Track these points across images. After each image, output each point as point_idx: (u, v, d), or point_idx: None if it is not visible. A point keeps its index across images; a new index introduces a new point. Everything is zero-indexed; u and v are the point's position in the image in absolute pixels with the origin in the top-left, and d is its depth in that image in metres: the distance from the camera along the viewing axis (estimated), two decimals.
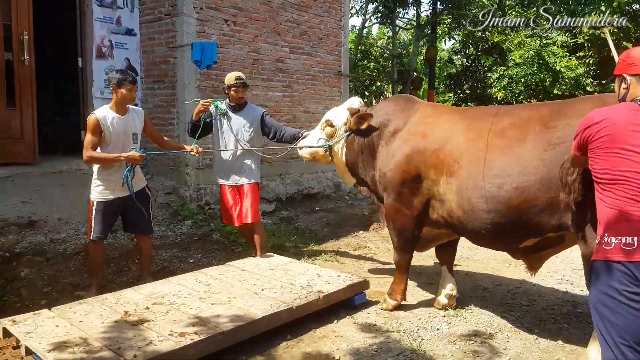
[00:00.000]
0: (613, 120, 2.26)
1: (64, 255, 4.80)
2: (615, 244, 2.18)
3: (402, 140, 3.92)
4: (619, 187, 2.21)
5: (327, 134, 4.38)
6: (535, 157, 3.17)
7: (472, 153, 3.46)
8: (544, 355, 3.42)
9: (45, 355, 2.78)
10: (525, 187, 3.18)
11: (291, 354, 3.35)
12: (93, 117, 4.09)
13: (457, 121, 3.75)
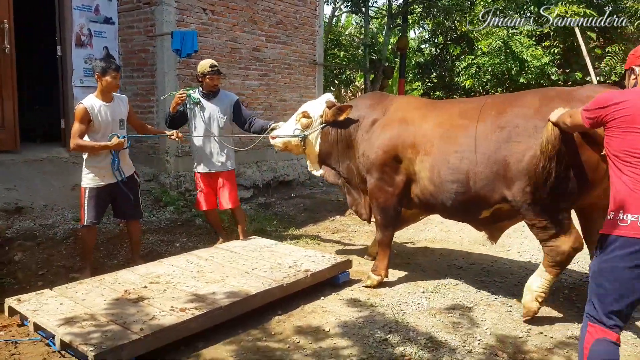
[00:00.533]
0: (633, 102, 2.47)
1: (54, 239, 4.90)
2: (631, 222, 2.35)
3: (382, 127, 4.33)
4: (638, 165, 2.40)
5: (302, 125, 4.63)
6: (487, 137, 3.70)
7: (442, 133, 3.97)
8: (517, 325, 3.73)
9: (55, 330, 2.94)
10: (479, 161, 3.71)
11: (283, 327, 3.58)
12: (82, 107, 4.14)
13: (430, 108, 4.27)
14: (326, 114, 4.53)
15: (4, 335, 3.31)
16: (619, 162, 2.48)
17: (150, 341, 2.92)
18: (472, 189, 3.78)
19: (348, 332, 3.51)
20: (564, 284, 4.59)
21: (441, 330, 3.60)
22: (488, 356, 3.25)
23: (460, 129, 3.87)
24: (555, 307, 4.05)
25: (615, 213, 2.44)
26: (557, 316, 3.90)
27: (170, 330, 3.04)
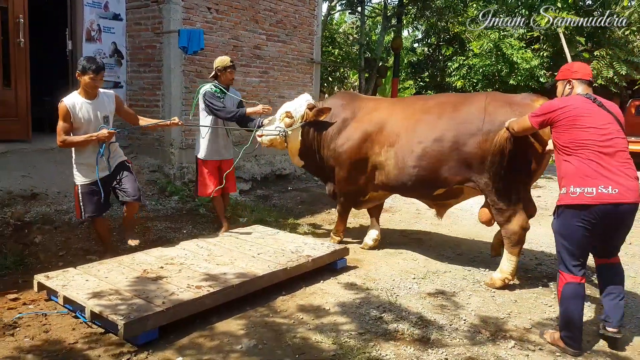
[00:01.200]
0: (574, 106, 3.37)
1: (69, 224, 5.21)
2: (579, 193, 3.23)
3: (352, 128, 5.08)
4: (582, 152, 3.27)
5: (285, 124, 5.19)
6: (445, 129, 4.55)
7: (407, 126, 4.78)
8: (500, 308, 4.11)
9: (86, 302, 3.27)
10: (437, 149, 4.57)
11: (287, 306, 3.93)
12: (62, 105, 4.17)
13: (395, 106, 5.09)
14: (307, 114, 5.13)
15: (33, 309, 3.64)
16: (567, 150, 3.35)
17: (172, 313, 3.27)
18: (431, 172, 4.64)
19: (346, 311, 3.87)
20: (544, 273, 4.98)
21: (430, 311, 3.97)
22: (472, 333, 3.62)
23: (423, 123, 4.71)
24: (533, 293, 4.44)
25: (567, 188, 3.30)
26: (535, 302, 4.28)
27: (189, 305, 3.38)
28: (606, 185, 3.17)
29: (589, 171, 3.22)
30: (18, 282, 4.08)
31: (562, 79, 3.66)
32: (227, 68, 5.38)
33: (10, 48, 6.36)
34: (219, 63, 5.40)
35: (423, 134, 4.63)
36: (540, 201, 8.45)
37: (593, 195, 3.18)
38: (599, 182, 3.18)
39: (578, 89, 3.53)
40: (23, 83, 6.46)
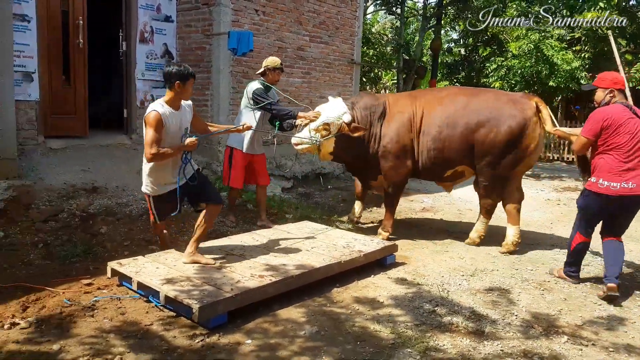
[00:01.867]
0: (616, 116, 4.11)
1: (130, 216, 5.48)
2: (606, 186, 4.14)
3: (391, 123, 5.55)
4: (614, 152, 4.12)
5: (322, 135, 5.36)
6: (458, 117, 5.39)
7: (429, 115, 5.51)
8: (550, 305, 4.18)
9: (160, 287, 3.49)
10: (450, 134, 5.40)
11: (343, 297, 4.09)
12: (155, 114, 3.86)
13: (416, 98, 5.71)
14: (343, 128, 5.33)
15: (107, 293, 3.88)
16: (603, 148, 4.16)
17: (239, 300, 3.46)
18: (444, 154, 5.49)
19: (400, 304, 4.00)
20: (592, 274, 5.02)
21: (482, 306, 4.07)
22: (525, 328, 3.71)
23: (439, 111, 5.48)
24: (582, 292, 4.49)
25: (597, 179, 4.20)
26: (585, 300, 4.33)
27: (254, 292, 3.57)
28: (627, 180, 4.06)
29: (617, 169, 4.08)
30: (89, 268, 4.34)
31: (605, 87, 4.25)
32: (276, 69, 5.67)
33: (70, 49, 6.71)
34: (270, 62, 5.66)
35: (440, 119, 5.45)
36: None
37: (617, 189, 4.09)
38: (623, 178, 4.07)
39: (618, 97, 4.23)
40: (81, 82, 6.79)
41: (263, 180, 5.89)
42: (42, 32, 6.35)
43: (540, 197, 9.19)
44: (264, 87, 5.59)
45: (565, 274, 4.73)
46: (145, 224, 5.34)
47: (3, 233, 4.80)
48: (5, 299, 3.66)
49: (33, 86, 6.33)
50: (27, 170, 5.91)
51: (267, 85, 5.61)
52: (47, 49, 6.46)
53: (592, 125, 4.17)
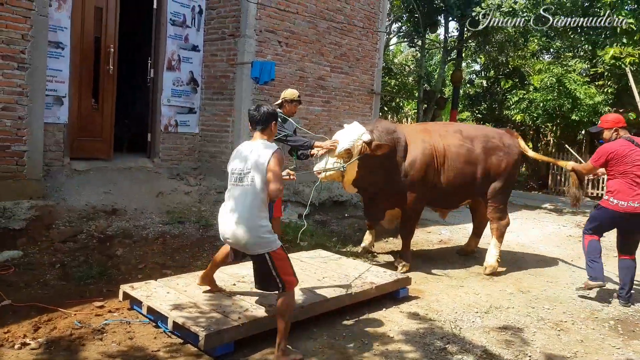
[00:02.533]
0: (619, 150, 5.05)
1: (147, 239, 5.57)
2: (616, 203, 5.02)
3: (413, 149, 5.65)
4: (622, 177, 5.02)
5: (344, 160, 5.25)
6: (475, 150, 5.93)
7: (450, 149, 5.82)
8: (565, 347, 4.08)
9: (168, 313, 3.52)
10: (471, 167, 5.89)
11: (352, 330, 4.06)
12: (280, 152, 3.59)
13: (432, 131, 5.97)
14: (364, 148, 5.25)
15: (117, 316, 3.93)
16: (613, 175, 5.09)
17: (247, 329, 3.47)
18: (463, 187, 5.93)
19: (410, 340, 3.95)
20: (611, 315, 4.89)
21: (495, 345, 4.00)
22: None
23: (455, 148, 5.85)
24: (600, 334, 4.38)
25: (609, 198, 5.08)
26: (602, 343, 4.22)
27: (262, 321, 3.57)
28: (633, 200, 4.94)
29: (625, 190, 4.97)
30: (102, 290, 4.41)
31: (610, 127, 5.24)
32: (294, 101, 5.64)
33: (100, 74, 6.95)
34: (288, 95, 5.65)
35: (459, 156, 5.82)
36: (604, 240, 8.23)
37: (624, 207, 4.97)
38: (629, 198, 4.95)
39: (621, 134, 5.17)
40: (109, 106, 7.01)
41: (277, 212, 5.69)
42: (74, 59, 6.61)
43: (562, 232, 9.03)
44: (281, 118, 5.62)
45: (589, 279, 5.20)
46: (160, 247, 5.42)
47: (22, 252, 4.92)
48: (19, 318, 3.73)
49: (63, 109, 6.55)
50: (51, 190, 6.07)
51: (284, 117, 5.65)
52: (79, 75, 6.71)
53: (599, 157, 5.16)
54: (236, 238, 3.40)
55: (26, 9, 5.48)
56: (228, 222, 3.45)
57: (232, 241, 3.48)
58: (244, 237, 3.36)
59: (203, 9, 8.01)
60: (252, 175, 3.40)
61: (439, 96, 14.74)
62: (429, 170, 5.67)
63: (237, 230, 3.37)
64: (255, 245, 3.39)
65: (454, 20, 14.03)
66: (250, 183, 3.40)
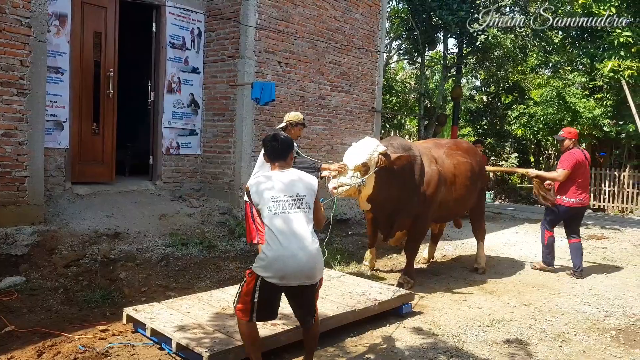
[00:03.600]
0: (582, 157, 6.41)
1: (150, 262, 5.58)
2: (568, 200, 6.41)
3: (429, 167, 5.65)
4: (576, 179, 6.34)
5: (361, 174, 5.02)
6: (471, 163, 6.23)
7: (457, 164, 6.02)
8: (567, 358, 4.05)
9: (172, 335, 3.52)
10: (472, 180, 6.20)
11: (356, 347, 4.04)
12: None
13: (440, 148, 6.10)
14: (381, 160, 5.09)
15: (121, 339, 3.93)
16: (571, 178, 6.31)
17: None
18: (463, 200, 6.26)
19: (414, 355, 3.94)
20: (612, 325, 4.86)
21: (498, 358, 3.97)
22: None
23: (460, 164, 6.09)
24: (602, 345, 4.35)
25: (562, 196, 6.42)
26: (604, 353, 4.19)
27: (265, 341, 3.56)
28: (577, 197, 6.38)
29: (575, 190, 6.36)
30: (106, 314, 4.41)
31: (572, 138, 6.52)
32: (299, 124, 5.49)
33: (101, 98, 7.04)
34: (293, 117, 5.50)
35: (462, 171, 6.05)
36: (606, 252, 8.21)
37: (573, 202, 6.39)
38: (578, 196, 6.38)
39: (575, 144, 6.53)
40: (110, 130, 7.08)
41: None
42: (74, 84, 6.71)
43: (564, 245, 8.97)
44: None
45: (544, 263, 6.81)
46: (163, 270, 5.43)
47: (25, 278, 4.93)
48: (22, 344, 3.73)
49: (63, 134, 6.63)
50: (53, 215, 6.11)
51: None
52: (79, 99, 6.80)
53: (571, 162, 6.31)
54: (308, 266, 3.15)
55: (24, 35, 5.57)
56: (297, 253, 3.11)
57: (299, 272, 3.12)
58: (315, 262, 3.19)
59: (202, 31, 8.14)
60: (307, 201, 3.24)
61: (440, 112, 14.82)
62: (442, 188, 5.72)
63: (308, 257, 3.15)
64: (321, 270, 3.27)
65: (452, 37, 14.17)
66: (306, 209, 3.23)
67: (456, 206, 6.18)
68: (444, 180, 5.73)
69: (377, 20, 10.36)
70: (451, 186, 5.87)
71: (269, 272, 3.07)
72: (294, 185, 3.24)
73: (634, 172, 14.62)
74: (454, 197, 5.94)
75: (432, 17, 13.26)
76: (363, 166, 5.04)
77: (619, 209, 14.67)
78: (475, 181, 6.27)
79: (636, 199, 14.51)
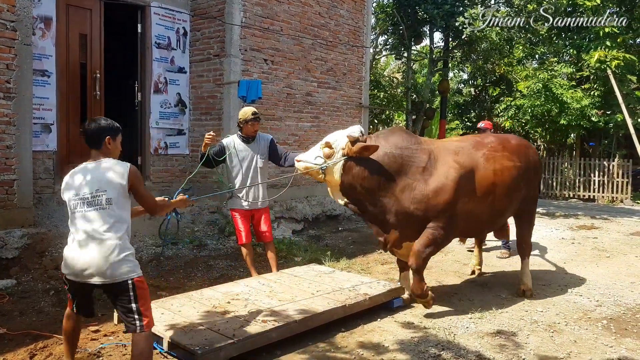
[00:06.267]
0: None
1: (140, 262, 5.48)
2: None
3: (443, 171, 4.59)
4: None
5: (324, 154, 4.56)
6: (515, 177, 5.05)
7: (497, 173, 4.90)
8: (559, 348, 4.10)
9: (163, 334, 3.53)
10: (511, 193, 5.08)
11: (347, 342, 4.07)
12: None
13: (479, 149, 4.96)
14: (349, 148, 4.46)
15: (113, 340, 3.93)
16: None
17: (241, 345, 3.49)
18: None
19: (405, 348, 3.98)
20: (603, 314, 4.92)
21: (489, 350, 4.02)
22: None
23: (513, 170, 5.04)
24: (593, 334, 4.41)
25: None
26: (595, 342, 4.25)
27: (256, 338, 3.59)
28: None
29: None
30: (97, 315, 4.40)
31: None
32: (248, 121, 5.26)
33: (88, 100, 7.01)
34: (241, 115, 5.34)
35: (509, 176, 4.95)
36: (597, 242, 8.31)
37: None
38: None
39: None
40: None
41: (267, 237, 5.48)
42: (61, 86, 6.68)
43: (554, 236, 9.09)
44: (243, 139, 5.35)
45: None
46: (154, 270, 5.43)
47: (16, 281, 4.92)
48: (14, 346, 3.73)
49: (51, 137, 6.60)
50: (43, 218, 6.08)
51: (245, 138, 5.36)
52: (66, 102, 6.77)
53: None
54: (95, 263, 2.98)
55: (10, 38, 5.55)
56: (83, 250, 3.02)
57: (87, 270, 2.99)
58: (106, 260, 2.97)
59: (187, 30, 8.13)
60: (108, 197, 3.05)
61: (428, 107, 14.89)
62: (464, 199, 4.64)
63: (94, 255, 2.99)
64: (120, 270, 3.00)
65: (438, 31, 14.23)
66: (105, 205, 3.05)
67: (493, 219, 5.14)
68: (469, 189, 4.67)
69: (362, 15, 10.39)
70: (487, 197, 4.79)
71: (65, 269, 3.10)
72: (96, 180, 3.07)
73: (623, 161, 14.76)
74: (490, 210, 4.90)
75: (418, 11, 13.31)
76: (327, 146, 4.58)
77: (609, 199, 14.81)
78: (520, 188, 5.10)
79: (626, 188, 14.66)
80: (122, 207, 3.07)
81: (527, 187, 5.22)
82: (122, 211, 3.07)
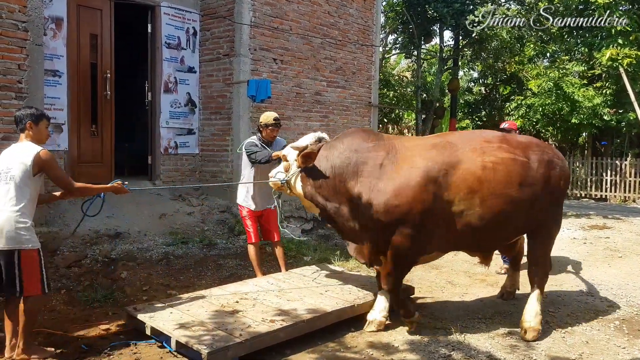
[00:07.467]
0: None
1: (150, 261, 5.61)
2: None
3: (404, 171, 4.02)
4: None
5: (284, 167, 4.44)
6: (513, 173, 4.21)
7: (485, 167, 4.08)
8: (570, 349, 4.06)
9: (172, 333, 3.55)
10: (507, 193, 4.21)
11: (357, 342, 4.06)
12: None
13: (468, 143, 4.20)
14: (298, 159, 4.26)
15: (123, 338, 3.95)
16: None
17: (249, 345, 3.49)
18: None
19: (415, 348, 3.96)
20: (616, 315, 4.87)
21: (500, 350, 3.99)
22: None
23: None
24: (605, 335, 4.36)
25: None
26: (607, 344, 4.20)
27: (265, 337, 3.59)
28: None
29: None
30: (108, 313, 4.44)
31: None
32: (268, 126, 5.25)
33: (98, 100, 7.06)
34: (263, 119, 5.32)
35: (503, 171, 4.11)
36: (609, 242, 8.22)
37: None
38: None
39: None
40: (108, 131, 7.11)
41: (274, 237, 5.50)
42: (72, 86, 6.74)
43: (566, 236, 9.00)
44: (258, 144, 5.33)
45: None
46: (164, 269, 5.45)
47: None
48: None
49: (62, 136, 6.65)
50: (54, 217, 6.13)
51: (260, 143, 5.33)
52: (77, 102, 6.83)
53: None
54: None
55: (21, 39, 5.60)
56: None
57: None
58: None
59: (197, 30, 8.15)
60: (12, 174, 3.47)
61: (438, 105, 14.82)
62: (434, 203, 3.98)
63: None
64: (10, 238, 3.41)
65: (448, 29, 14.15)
66: (9, 181, 3.46)
67: (487, 228, 4.11)
68: (442, 185, 3.96)
69: (371, 14, 10.35)
70: (472, 196, 3.99)
71: None
72: (10, 158, 3.53)
73: (635, 160, 14.58)
74: (479, 214, 4.02)
75: (427, 9, 13.25)
76: (283, 159, 4.43)
77: (621, 199, 14.65)
78: (525, 192, 4.13)
79: (638, 187, 14.49)
80: (24, 184, 3.45)
81: (544, 192, 4.25)
82: (24, 188, 3.46)
